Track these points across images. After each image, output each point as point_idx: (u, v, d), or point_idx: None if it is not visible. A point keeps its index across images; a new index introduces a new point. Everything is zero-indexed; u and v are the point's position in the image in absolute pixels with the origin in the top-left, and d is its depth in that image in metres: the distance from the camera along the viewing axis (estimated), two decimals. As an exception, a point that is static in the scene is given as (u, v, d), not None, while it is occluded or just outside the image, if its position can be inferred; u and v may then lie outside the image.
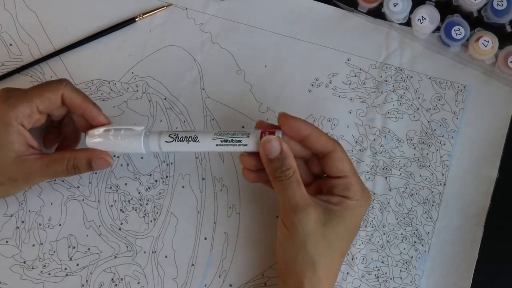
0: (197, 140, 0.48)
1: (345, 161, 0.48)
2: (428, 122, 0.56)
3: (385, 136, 0.56)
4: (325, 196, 0.47)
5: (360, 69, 0.57)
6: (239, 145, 0.47)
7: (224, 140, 0.47)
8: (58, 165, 0.49)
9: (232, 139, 0.47)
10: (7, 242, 0.54)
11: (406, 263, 0.55)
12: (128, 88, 0.57)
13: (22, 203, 0.55)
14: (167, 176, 0.56)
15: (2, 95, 0.47)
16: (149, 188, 0.55)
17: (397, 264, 0.55)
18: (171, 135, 0.48)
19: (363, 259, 0.55)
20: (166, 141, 0.48)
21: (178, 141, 0.48)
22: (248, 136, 0.47)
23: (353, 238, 0.50)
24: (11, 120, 0.46)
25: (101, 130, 0.49)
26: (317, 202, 0.47)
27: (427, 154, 0.56)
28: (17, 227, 0.54)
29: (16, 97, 0.47)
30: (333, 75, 0.57)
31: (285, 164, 0.46)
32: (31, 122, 0.48)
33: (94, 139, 0.49)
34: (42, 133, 0.53)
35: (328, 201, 0.47)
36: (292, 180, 0.46)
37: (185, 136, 0.48)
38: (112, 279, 0.54)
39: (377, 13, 0.57)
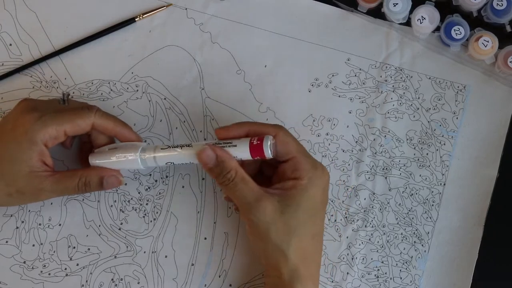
0: (190, 145, 0.48)
1: (289, 142, 0.48)
2: (428, 122, 0.56)
3: (385, 136, 0.56)
4: (279, 184, 0.48)
5: (360, 69, 0.57)
6: (229, 146, 0.47)
7: (217, 143, 0.48)
8: (69, 182, 0.49)
9: (226, 144, 0.48)
10: (7, 242, 0.54)
11: (406, 263, 0.55)
12: (128, 88, 0.57)
13: (22, 203, 0.55)
14: (167, 176, 0.56)
15: (35, 112, 0.48)
16: (149, 188, 0.55)
17: (397, 264, 0.55)
18: (163, 148, 0.49)
19: (363, 259, 0.55)
20: (161, 149, 0.49)
21: (171, 147, 0.49)
22: (236, 146, 0.47)
23: (319, 217, 0.49)
24: (37, 140, 0.47)
25: (106, 148, 0.50)
26: (270, 192, 0.47)
27: (427, 154, 0.56)
28: (17, 227, 0.54)
29: (48, 117, 0.47)
30: (333, 75, 0.57)
31: (225, 168, 0.47)
32: (54, 143, 0.49)
33: (97, 159, 0.50)
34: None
35: (282, 188, 0.47)
36: (237, 181, 0.47)
37: (179, 145, 0.49)
38: (112, 279, 0.54)
39: (377, 13, 0.57)
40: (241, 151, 0.47)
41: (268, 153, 0.46)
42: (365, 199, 0.55)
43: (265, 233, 0.46)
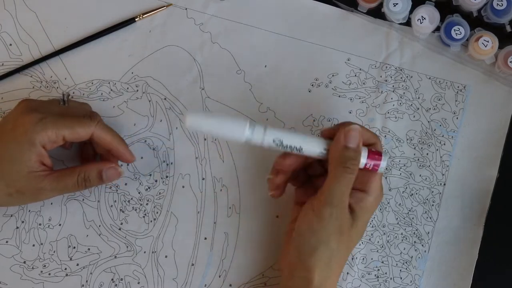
0: (301, 151, 0.47)
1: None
2: (428, 122, 0.56)
3: (385, 136, 0.56)
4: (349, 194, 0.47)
5: (360, 69, 0.57)
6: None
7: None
8: (68, 179, 0.49)
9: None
10: (7, 242, 0.54)
11: (406, 263, 0.55)
12: (128, 88, 0.57)
13: (22, 203, 0.55)
14: (167, 176, 0.56)
15: (36, 113, 0.48)
16: (149, 188, 0.55)
17: (397, 264, 0.55)
18: (276, 141, 0.46)
19: (363, 259, 0.55)
20: (272, 141, 0.46)
21: (282, 147, 0.46)
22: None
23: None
24: (36, 142, 0.47)
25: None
26: (349, 203, 0.46)
27: (427, 154, 0.56)
28: (17, 227, 0.54)
29: (49, 120, 0.48)
30: (333, 75, 0.57)
31: (357, 159, 0.46)
32: (52, 146, 0.49)
33: (198, 117, 0.45)
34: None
35: (353, 199, 0.46)
36: (353, 178, 0.45)
37: (290, 146, 0.46)
38: (112, 279, 0.54)
39: (377, 13, 0.57)
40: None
41: (382, 169, 0.46)
42: (365, 199, 0.55)
43: (327, 236, 0.45)
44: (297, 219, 0.47)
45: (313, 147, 0.46)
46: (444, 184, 0.56)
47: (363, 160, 0.46)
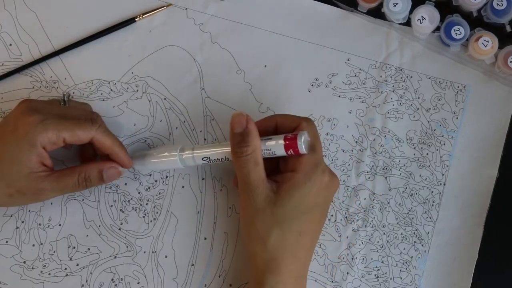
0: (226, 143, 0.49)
1: (310, 138, 0.48)
2: (428, 122, 0.56)
3: (385, 136, 0.56)
4: (280, 175, 0.48)
5: (360, 69, 0.57)
6: (263, 139, 0.48)
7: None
8: (68, 179, 0.49)
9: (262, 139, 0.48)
10: (7, 242, 0.54)
11: (406, 263, 0.55)
12: (128, 88, 0.57)
13: (22, 203, 0.55)
14: (167, 176, 0.56)
15: (37, 114, 0.48)
16: (149, 188, 0.55)
17: (397, 264, 0.55)
18: (204, 159, 0.50)
19: (363, 259, 0.55)
20: (202, 160, 0.51)
21: (212, 162, 0.51)
22: (271, 139, 0.48)
23: (311, 216, 0.48)
24: (37, 143, 0.47)
25: (143, 152, 0.53)
26: (271, 181, 0.47)
27: (427, 154, 0.56)
28: (17, 227, 0.54)
29: (49, 122, 0.48)
30: (333, 75, 0.57)
31: (245, 141, 0.46)
32: (52, 148, 0.49)
33: (137, 163, 0.53)
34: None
35: (281, 180, 0.47)
36: (249, 159, 0.46)
37: (219, 159, 0.50)
38: (112, 279, 0.54)
39: (377, 13, 0.57)
40: (276, 146, 0.47)
41: (302, 149, 0.46)
42: (365, 199, 0.55)
43: (252, 217, 0.47)
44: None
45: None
46: (444, 184, 0.56)
47: (280, 148, 0.47)
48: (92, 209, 0.55)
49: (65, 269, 0.54)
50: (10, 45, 0.57)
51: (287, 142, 0.47)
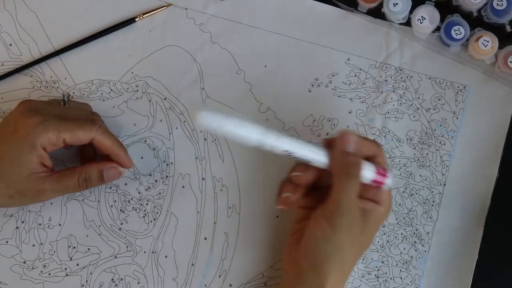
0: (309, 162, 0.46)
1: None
2: (428, 122, 0.56)
3: (385, 136, 0.56)
4: (361, 201, 0.46)
5: (360, 69, 0.57)
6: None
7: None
8: (69, 179, 0.50)
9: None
10: (7, 242, 0.54)
11: (406, 263, 0.55)
12: (128, 88, 0.57)
13: (22, 203, 0.55)
14: (167, 176, 0.56)
15: (37, 115, 0.48)
16: (149, 188, 0.55)
17: (397, 264, 0.55)
18: (285, 152, 0.45)
19: (363, 259, 0.55)
20: (282, 151, 0.45)
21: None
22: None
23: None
24: (37, 144, 0.47)
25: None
26: (359, 207, 0.46)
27: (427, 154, 0.56)
28: (17, 227, 0.54)
29: (50, 123, 0.47)
30: (333, 75, 0.57)
31: (359, 162, 0.46)
32: (52, 149, 0.49)
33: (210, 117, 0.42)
34: None
35: (365, 208, 0.46)
36: (357, 182, 0.45)
37: (299, 157, 0.46)
38: (112, 279, 0.54)
39: (377, 13, 0.57)
40: (366, 172, 0.47)
41: (388, 186, 0.47)
42: (365, 199, 0.55)
43: (341, 244, 0.45)
44: (307, 226, 0.46)
45: (320, 158, 0.46)
46: (444, 184, 0.56)
47: (371, 175, 0.47)
48: (92, 209, 0.55)
49: (65, 269, 0.54)
50: (10, 45, 0.57)
51: (378, 175, 0.47)
